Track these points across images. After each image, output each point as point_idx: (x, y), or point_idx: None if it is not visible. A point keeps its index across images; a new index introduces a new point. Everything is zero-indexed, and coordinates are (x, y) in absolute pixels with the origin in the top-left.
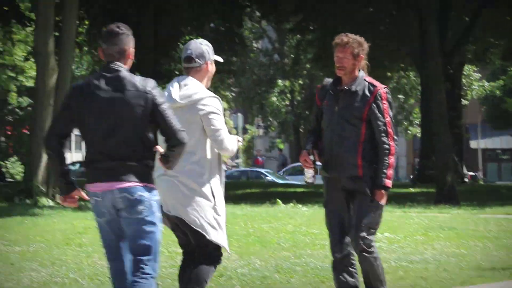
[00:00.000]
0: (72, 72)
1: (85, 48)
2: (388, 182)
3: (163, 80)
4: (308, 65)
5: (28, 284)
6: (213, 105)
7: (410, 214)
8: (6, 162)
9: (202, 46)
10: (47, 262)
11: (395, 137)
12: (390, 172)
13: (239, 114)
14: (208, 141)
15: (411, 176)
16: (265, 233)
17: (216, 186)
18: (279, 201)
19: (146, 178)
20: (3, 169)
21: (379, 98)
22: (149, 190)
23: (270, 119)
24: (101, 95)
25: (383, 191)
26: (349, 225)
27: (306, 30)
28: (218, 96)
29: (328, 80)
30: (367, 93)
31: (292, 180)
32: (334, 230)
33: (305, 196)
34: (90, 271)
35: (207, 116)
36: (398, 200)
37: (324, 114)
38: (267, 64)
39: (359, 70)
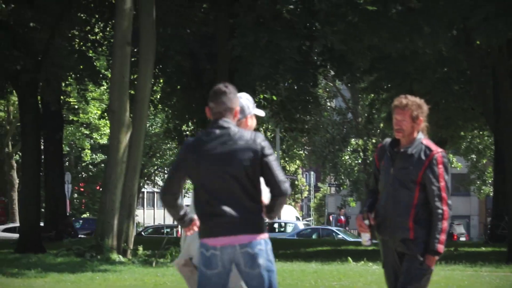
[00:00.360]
0: (146, 129)
1: (160, 106)
2: (440, 247)
3: None
4: (381, 124)
5: None
6: None
7: (481, 273)
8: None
9: (241, 100)
10: None
11: (449, 202)
12: (443, 237)
13: (312, 172)
14: None
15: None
16: None
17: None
18: (350, 259)
19: (262, 229)
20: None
21: (435, 163)
22: (265, 240)
23: (343, 177)
24: (214, 152)
25: (434, 256)
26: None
27: (379, 89)
28: None
29: (387, 140)
30: (422, 156)
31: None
32: None
33: (376, 254)
34: None
35: None
36: (469, 259)
37: (380, 175)
38: (341, 122)
39: (418, 132)
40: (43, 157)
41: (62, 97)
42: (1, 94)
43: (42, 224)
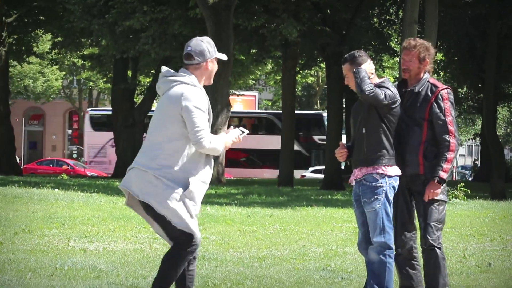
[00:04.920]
0: None
1: (442, 73)
2: (443, 175)
3: (504, 101)
4: None
5: None
6: (196, 100)
7: None
8: None
9: (202, 43)
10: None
11: (457, 135)
12: (447, 166)
13: None
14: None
15: None
16: None
17: (192, 178)
18: None
19: None
20: None
21: (441, 98)
22: None
23: None
24: None
25: (437, 182)
26: (409, 221)
27: None
28: (204, 93)
29: (396, 83)
30: (429, 93)
31: None
32: (396, 225)
33: None
34: None
35: (187, 110)
36: None
37: None
38: None
39: (425, 73)
40: (345, 114)
41: None
42: (312, 63)
43: (343, 167)
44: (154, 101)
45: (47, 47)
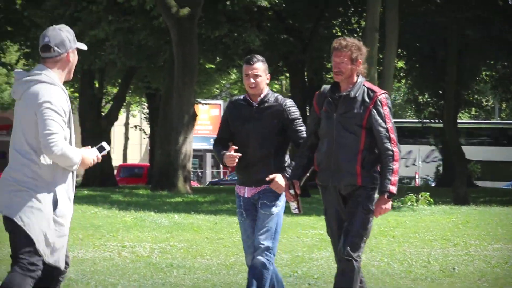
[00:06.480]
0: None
1: (403, 81)
2: (393, 189)
3: (462, 108)
4: None
5: None
6: (53, 101)
7: None
8: None
9: (62, 33)
10: (367, 249)
11: (397, 143)
12: (394, 178)
13: None
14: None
15: None
16: None
17: (61, 194)
18: None
19: None
20: None
21: (379, 104)
22: None
23: None
24: None
25: (386, 197)
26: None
27: None
28: (64, 92)
29: (326, 87)
30: (366, 99)
31: None
32: (336, 238)
33: None
34: (401, 257)
35: (40, 111)
36: None
37: (322, 121)
38: None
39: (358, 75)
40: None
41: (326, 75)
42: (276, 71)
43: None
44: (121, 110)
45: (14, 57)
